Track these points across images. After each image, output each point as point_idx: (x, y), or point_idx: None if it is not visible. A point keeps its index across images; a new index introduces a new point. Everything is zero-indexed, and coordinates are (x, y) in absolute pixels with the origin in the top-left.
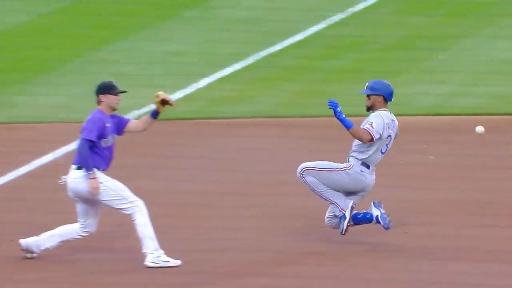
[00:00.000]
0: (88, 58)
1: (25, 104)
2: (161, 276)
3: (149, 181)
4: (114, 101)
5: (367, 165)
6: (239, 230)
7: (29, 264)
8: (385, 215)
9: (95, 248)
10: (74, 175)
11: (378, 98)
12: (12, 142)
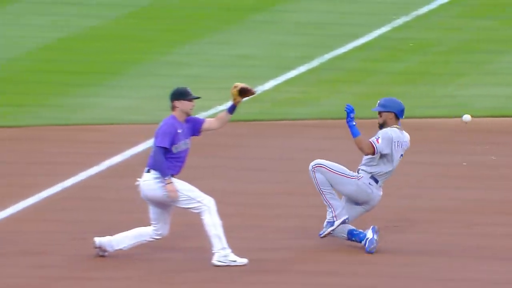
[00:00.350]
0: (158, 61)
1: (97, 106)
2: (228, 274)
3: (219, 181)
4: (189, 107)
5: (375, 180)
6: (302, 230)
7: (103, 262)
8: (375, 242)
9: (167, 247)
10: (145, 178)
11: (390, 115)
12: (84, 143)
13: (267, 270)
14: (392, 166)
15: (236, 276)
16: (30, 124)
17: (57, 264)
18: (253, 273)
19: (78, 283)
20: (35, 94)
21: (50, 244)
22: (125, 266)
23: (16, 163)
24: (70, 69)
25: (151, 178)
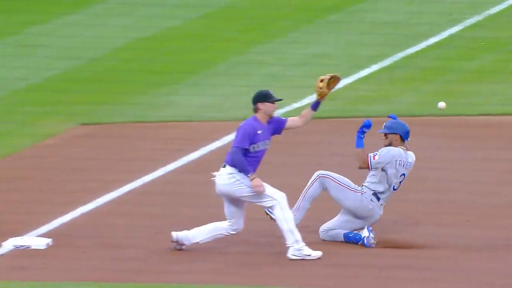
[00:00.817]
0: (236, 60)
1: (176, 104)
2: (302, 268)
3: (294, 178)
4: (271, 109)
5: (377, 197)
6: (381, 224)
7: (180, 255)
8: (372, 239)
9: (242, 241)
10: (220, 173)
11: (395, 137)
12: (165, 140)
13: (340, 264)
14: (391, 185)
15: (309, 269)
16: (111, 122)
17: (138, 257)
18: (327, 266)
19: (157, 276)
20: (117, 92)
21: (131, 237)
22: (202, 259)
23: (99, 159)
24: (151, 68)
25: (226, 173)
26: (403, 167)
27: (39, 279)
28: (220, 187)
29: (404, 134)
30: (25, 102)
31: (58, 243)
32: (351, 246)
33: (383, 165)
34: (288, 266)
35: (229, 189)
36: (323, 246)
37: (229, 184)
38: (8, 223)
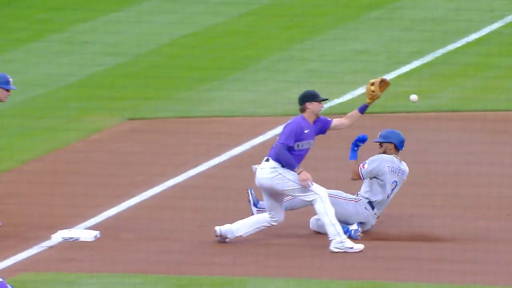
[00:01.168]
0: (278, 57)
1: (220, 100)
2: (344, 260)
3: (335, 172)
4: (318, 108)
5: (372, 206)
6: (420, 218)
7: (224, 248)
8: (359, 231)
9: (284, 234)
10: (262, 166)
11: (390, 146)
12: (208, 134)
13: (382, 256)
14: (385, 193)
15: (351, 262)
16: (156, 117)
17: (183, 250)
18: (369, 259)
19: (201, 268)
20: (162, 88)
21: (176, 230)
22: (245, 252)
23: (144, 154)
24: (195, 64)
25: (268, 167)
26: (395, 173)
27: (87, 271)
28: (262, 180)
29: (398, 143)
30: (72, 97)
31: (105, 236)
32: (391, 240)
33: (374, 172)
34: (331, 259)
35: (271, 182)
36: (363, 241)
37: (271, 178)
38: (57, 216)
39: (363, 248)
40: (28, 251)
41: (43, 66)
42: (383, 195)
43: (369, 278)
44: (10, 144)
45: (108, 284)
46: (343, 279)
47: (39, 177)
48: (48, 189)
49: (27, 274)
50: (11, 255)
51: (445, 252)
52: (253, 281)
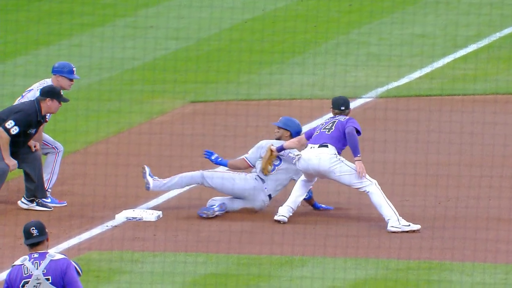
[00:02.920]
0: (337, 40)
1: (280, 83)
2: (401, 240)
3: (394, 154)
4: None
5: (261, 179)
6: (476, 199)
7: (284, 228)
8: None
9: (341, 215)
10: (322, 151)
11: (286, 133)
12: (268, 117)
13: (439, 236)
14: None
15: (408, 242)
16: (219, 99)
17: (244, 229)
18: (426, 240)
19: (262, 247)
20: (224, 71)
21: (237, 211)
22: (303, 232)
23: (206, 135)
24: (256, 48)
25: (328, 152)
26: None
27: (151, 250)
28: (320, 165)
29: (295, 133)
30: (136, 81)
31: (168, 216)
32: (448, 220)
33: (256, 156)
34: (388, 239)
35: (330, 168)
36: (419, 222)
37: (331, 163)
38: (121, 196)
39: (420, 228)
40: (93, 231)
41: (108, 50)
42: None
43: (426, 258)
44: (76, 126)
45: (171, 263)
46: (400, 258)
47: (104, 158)
48: (112, 170)
49: (92, 253)
50: (76, 234)
51: (501, 232)
52: (312, 260)
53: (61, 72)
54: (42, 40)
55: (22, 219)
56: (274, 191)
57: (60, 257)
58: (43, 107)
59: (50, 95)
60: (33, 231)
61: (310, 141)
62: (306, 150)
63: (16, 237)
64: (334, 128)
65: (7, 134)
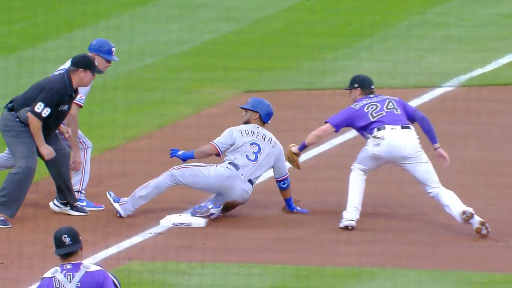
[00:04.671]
0: (411, 22)
1: (345, 70)
2: (487, 250)
3: (475, 152)
4: None
5: (235, 166)
6: None
7: (349, 235)
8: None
9: (414, 219)
10: (408, 134)
11: (254, 115)
12: (332, 109)
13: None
14: (244, 154)
15: (493, 252)
16: (276, 89)
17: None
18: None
19: (325, 258)
20: (282, 57)
21: (296, 216)
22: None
23: None
24: (318, 30)
25: (414, 134)
26: (250, 135)
27: (199, 260)
28: (405, 150)
29: (264, 115)
30: (182, 67)
31: (219, 221)
32: None
33: (229, 141)
34: (469, 248)
35: (415, 153)
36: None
37: (416, 147)
38: (166, 199)
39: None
40: (134, 238)
41: (151, 33)
42: (242, 157)
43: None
44: (114, 120)
45: (221, 275)
46: (483, 271)
47: (146, 155)
48: (156, 169)
49: (133, 264)
50: (114, 242)
51: None
52: (383, 272)
53: (98, 51)
54: (76, 22)
55: (54, 224)
56: (254, 177)
57: (96, 269)
58: (74, 80)
59: (83, 65)
60: (65, 239)
61: (382, 123)
62: (386, 132)
63: (46, 246)
64: (399, 108)
65: (38, 118)
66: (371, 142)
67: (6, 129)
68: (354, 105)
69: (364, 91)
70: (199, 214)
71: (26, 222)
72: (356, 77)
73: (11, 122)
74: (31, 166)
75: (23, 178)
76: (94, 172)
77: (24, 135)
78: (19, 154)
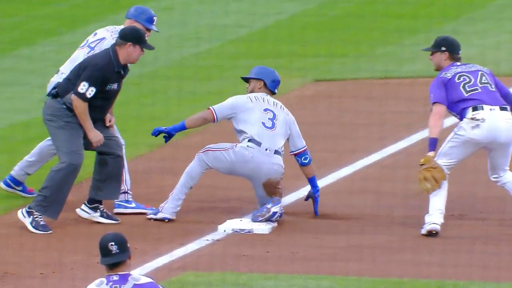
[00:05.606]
0: (504, 1)
1: (426, 56)
2: None
3: None
4: None
5: (255, 142)
6: None
7: (432, 243)
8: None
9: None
10: (507, 116)
11: (259, 84)
12: (412, 100)
13: None
14: (257, 122)
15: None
16: (348, 78)
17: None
18: None
19: (408, 268)
20: (354, 42)
21: (371, 221)
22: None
23: (333, 124)
24: (395, 12)
25: None
26: (261, 101)
27: (262, 271)
28: (507, 135)
29: (270, 82)
30: (242, 54)
31: (283, 227)
32: None
33: (231, 109)
34: None
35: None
36: None
37: None
38: (225, 202)
39: None
40: (188, 246)
41: (207, 15)
42: (259, 126)
43: None
44: (166, 112)
45: (287, 287)
46: None
47: None
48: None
49: (187, 274)
50: (167, 250)
51: None
52: (470, 286)
53: (137, 18)
54: (122, 3)
55: (98, 230)
56: (278, 147)
57: (146, 281)
58: (121, 55)
59: (132, 39)
60: (112, 247)
61: (479, 102)
62: (486, 114)
63: (90, 254)
64: (492, 83)
65: (83, 100)
66: (466, 124)
67: (51, 119)
68: (444, 73)
69: (452, 57)
70: (261, 218)
71: (67, 228)
72: (443, 39)
73: (57, 111)
74: (75, 163)
75: (66, 175)
76: (143, 170)
77: (71, 126)
78: (63, 148)
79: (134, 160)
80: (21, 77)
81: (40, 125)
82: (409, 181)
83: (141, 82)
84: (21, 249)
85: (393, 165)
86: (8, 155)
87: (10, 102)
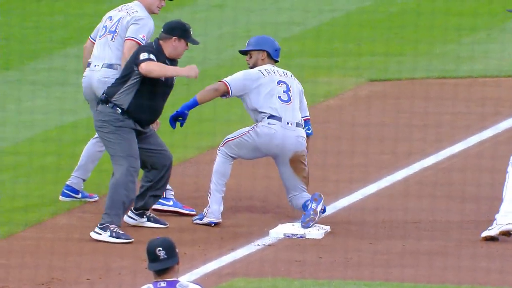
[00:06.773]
0: None
1: (488, 55)
2: None
3: None
4: None
5: (276, 118)
6: None
7: (491, 248)
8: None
9: None
10: None
11: (262, 55)
12: (472, 100)
13: None
14: (273, 95)
15: None
16: (404, 78)
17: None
18: None
19: (463, 275)
20: (412, 40)
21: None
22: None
23: (389, 125)
24: (454, 9)
25: None
26: (273, 73)
27: (314, 277)
28: None
29: (273, 51)
30: (294, 53)
31: (336, 232)
32: None
33: (245, 84)
34: None
35: None
36: None
37: None
38: (276, 206)
39: None
40: (238, 251)
41: (258, 13)
42: (276, 100)
43: None
44: (215, 115)
45: None
46: None
47: None
48: (263, 171)
49: (237, 281)
50: (216, 256)
51: None
52: None
53: None
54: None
55: (146, 234)
56: (298, 120)
57: (194, 287)
58: (166, 49)
59: (177, 33)
60: (160, 253)
61: None
62: None
63: (138, 259)
64: None
65: (149, 61)
66: None
67: (102, 125)
68: None
69: None
70: (312, 222)
71: None
72: None
73: (107, 116)
74: (134, 166)
75: (126, 181)
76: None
77: (123, 131)
78: (120, 153)
79: (182, 163)
80: (70, 76)
81: (87, 127)
82: (466, 185)
83: (190, 82)
84: (67, 254)
85: (450, 168)
86: (57, 157)
87: (59, 102)
